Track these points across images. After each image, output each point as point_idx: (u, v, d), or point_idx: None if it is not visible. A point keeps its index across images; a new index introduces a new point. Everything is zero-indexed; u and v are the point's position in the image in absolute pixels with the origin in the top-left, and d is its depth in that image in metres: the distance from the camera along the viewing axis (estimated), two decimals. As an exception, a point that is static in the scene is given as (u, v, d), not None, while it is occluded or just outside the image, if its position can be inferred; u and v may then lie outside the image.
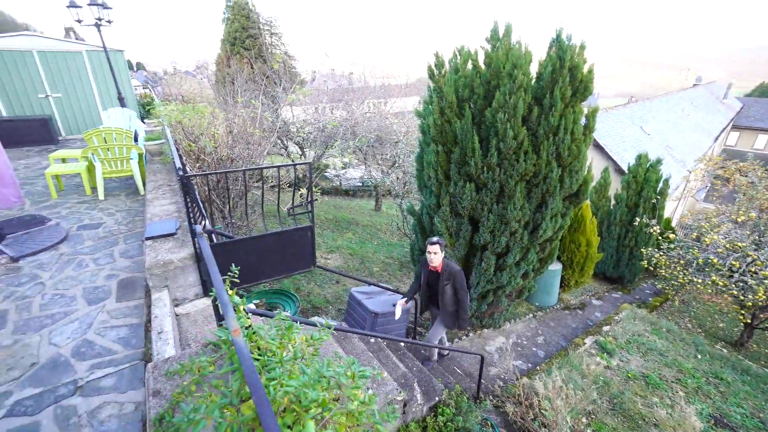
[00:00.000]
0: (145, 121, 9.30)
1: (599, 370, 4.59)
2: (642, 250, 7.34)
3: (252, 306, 4.15)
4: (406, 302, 4.23)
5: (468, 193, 4.65)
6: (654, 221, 7.07)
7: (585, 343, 5.37)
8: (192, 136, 4.77)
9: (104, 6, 8.67)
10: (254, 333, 1.61)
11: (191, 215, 2.74)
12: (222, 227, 4.52)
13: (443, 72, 4.89)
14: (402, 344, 4.69)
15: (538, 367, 4.93)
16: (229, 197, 3.34)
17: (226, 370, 1.22)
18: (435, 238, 3.81)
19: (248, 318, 1.63)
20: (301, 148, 8.71)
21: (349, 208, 10.61)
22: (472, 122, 4.53)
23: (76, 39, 11.88)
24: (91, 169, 5.36)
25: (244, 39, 21.23)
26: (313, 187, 3.85)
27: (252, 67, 14.63)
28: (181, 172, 2.70)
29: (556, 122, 4.42)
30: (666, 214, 8.80)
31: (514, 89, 4.25)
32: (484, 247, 4.99)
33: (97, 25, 8.65)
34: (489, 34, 4.64)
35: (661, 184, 8.02)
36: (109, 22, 8.87)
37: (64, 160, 5.99)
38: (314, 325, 1.87)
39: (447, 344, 4.75)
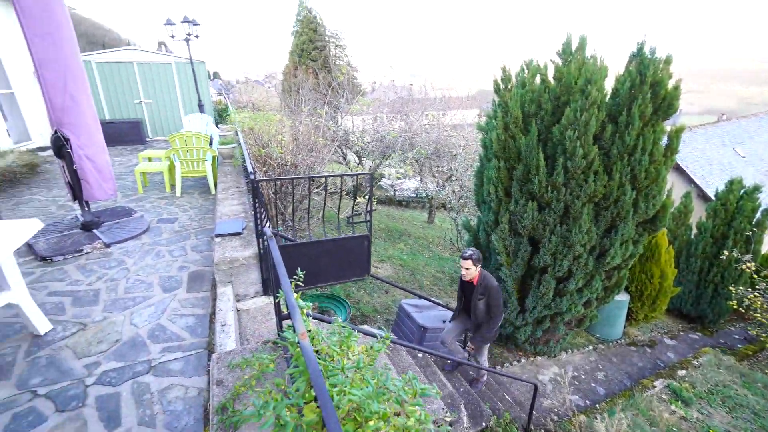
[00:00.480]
0: (219, 126, 10.12)
1: (673, 419, 4.10)
2: (731, 288, 6.47)
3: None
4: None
5: (529, 212, 4.45)
6: (748, 256, 6.23)
7: (654, 386, 4.84)
8: (261, 142, 5.10)
9: (194, 23, 9.66)
10: (313, 338, 1.65)
11: (258, 217, 2.90)
12: (282, 230, 4.75)
13: (509, 86, 4.77)
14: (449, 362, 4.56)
15: (597, 406, 4.53)
16: (293, 201, 3.50)
17: (292, 371, 1.25)
18: (468, 252, 3.55)
19: (310, 322, 1.67)
20: (359, 157, 8.93)
21: (402, 219, 10.62)
22: (537, 139, 4.35)
23: (166, 51, 13.34)
24: (171, 169, 5.91)
25: (311, 51, 22.37)
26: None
27: (317, 77, 15.39)
28: (251, 177, 2.88)
29: (632, 142, 4.10)
30: (763, 249, 7.73)
31: (586, 106, 4.02)
32: (544, 269, 4.73)
33: (187, 40, 9.64)
34: (560, 47, 4.46)
35: (758, 215, 7.05)
36: (196, 36, 9.84)
37: (150, 159, 6.67)
38: (372, 334, 1.87)
39: (484, 363, 4.49)
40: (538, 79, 4.59)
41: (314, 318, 2.37)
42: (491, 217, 4.93)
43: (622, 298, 6.14)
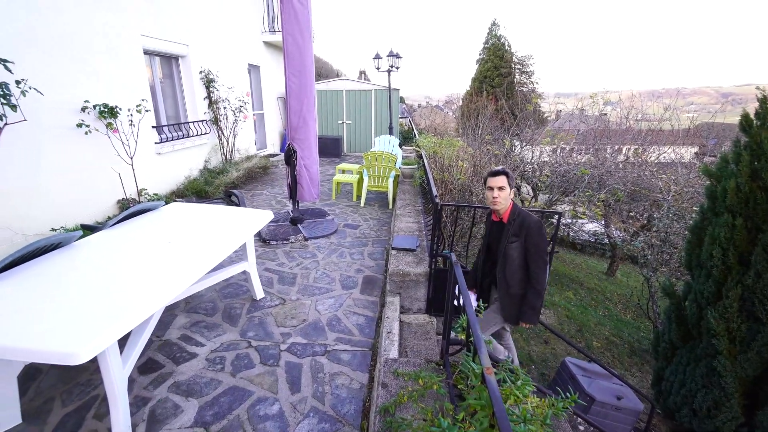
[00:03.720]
0: (402, 147, 11.15)
1: None
2: None
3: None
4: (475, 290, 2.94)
5: (779, 291, 3.25)
6: None
7: None
8: (442, 166, 5.34)
9: (397, 56, 10.98)
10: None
11: (435, 238, 3.01)
12: (448, 253, 4.83)
13: None
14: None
15: None
16: (471, 227, 3.52)
17: (475, 403, 1.22)
18: (501, 167, 2.53)
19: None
20: (535, 191, 8.34)
21: (574, 264, 9.34)
22: (809, 194, 3.18)
23: (365, 80, 15.64)
24: (359, 182, 6.79)
25: (494, 77, 22.41)
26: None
27: (497, 103, 15.33)
28: (436, 200, 3.02)
29: None
30: None
31: None
32: (794, 375, 3.36)
33: (389, 71, 11.02)
34: None
35: None
36: (397, 68, 11.15)
37: (343, 171, 7.85)
38: (544, 391, 1.68)
39: (509, 351, 2.90)
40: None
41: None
42: (710, 286, 3.82)
43: None
